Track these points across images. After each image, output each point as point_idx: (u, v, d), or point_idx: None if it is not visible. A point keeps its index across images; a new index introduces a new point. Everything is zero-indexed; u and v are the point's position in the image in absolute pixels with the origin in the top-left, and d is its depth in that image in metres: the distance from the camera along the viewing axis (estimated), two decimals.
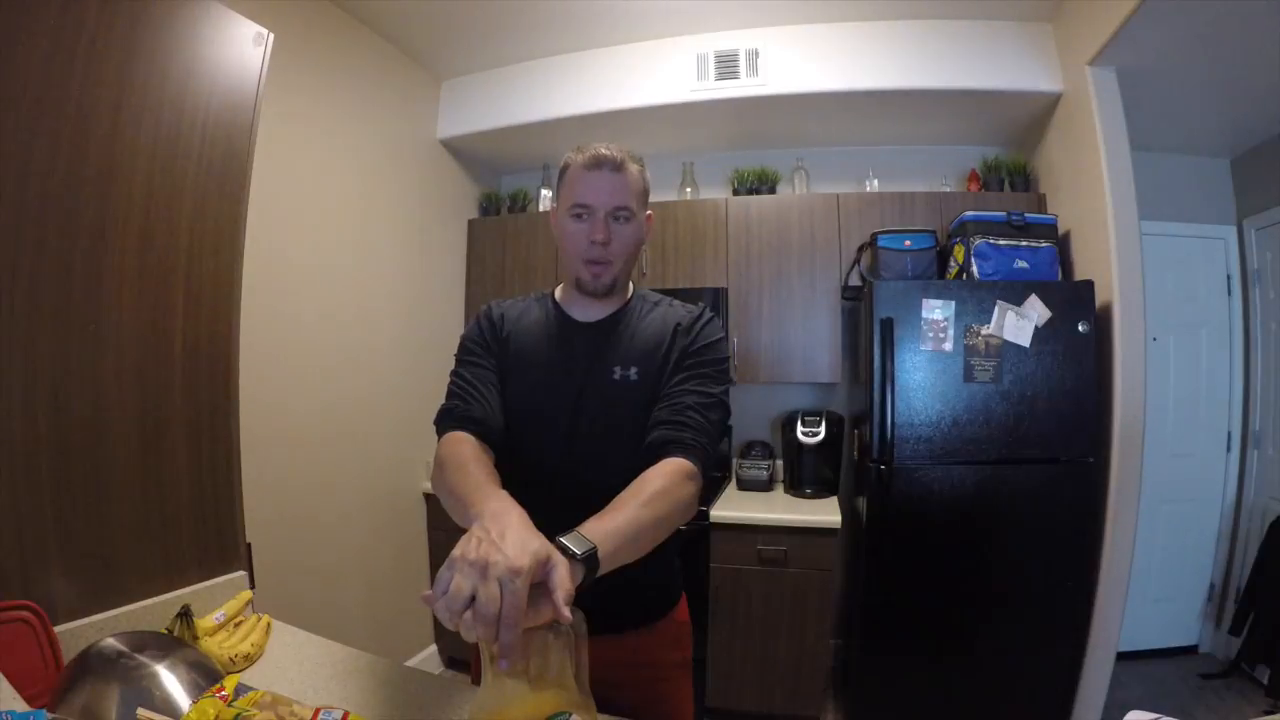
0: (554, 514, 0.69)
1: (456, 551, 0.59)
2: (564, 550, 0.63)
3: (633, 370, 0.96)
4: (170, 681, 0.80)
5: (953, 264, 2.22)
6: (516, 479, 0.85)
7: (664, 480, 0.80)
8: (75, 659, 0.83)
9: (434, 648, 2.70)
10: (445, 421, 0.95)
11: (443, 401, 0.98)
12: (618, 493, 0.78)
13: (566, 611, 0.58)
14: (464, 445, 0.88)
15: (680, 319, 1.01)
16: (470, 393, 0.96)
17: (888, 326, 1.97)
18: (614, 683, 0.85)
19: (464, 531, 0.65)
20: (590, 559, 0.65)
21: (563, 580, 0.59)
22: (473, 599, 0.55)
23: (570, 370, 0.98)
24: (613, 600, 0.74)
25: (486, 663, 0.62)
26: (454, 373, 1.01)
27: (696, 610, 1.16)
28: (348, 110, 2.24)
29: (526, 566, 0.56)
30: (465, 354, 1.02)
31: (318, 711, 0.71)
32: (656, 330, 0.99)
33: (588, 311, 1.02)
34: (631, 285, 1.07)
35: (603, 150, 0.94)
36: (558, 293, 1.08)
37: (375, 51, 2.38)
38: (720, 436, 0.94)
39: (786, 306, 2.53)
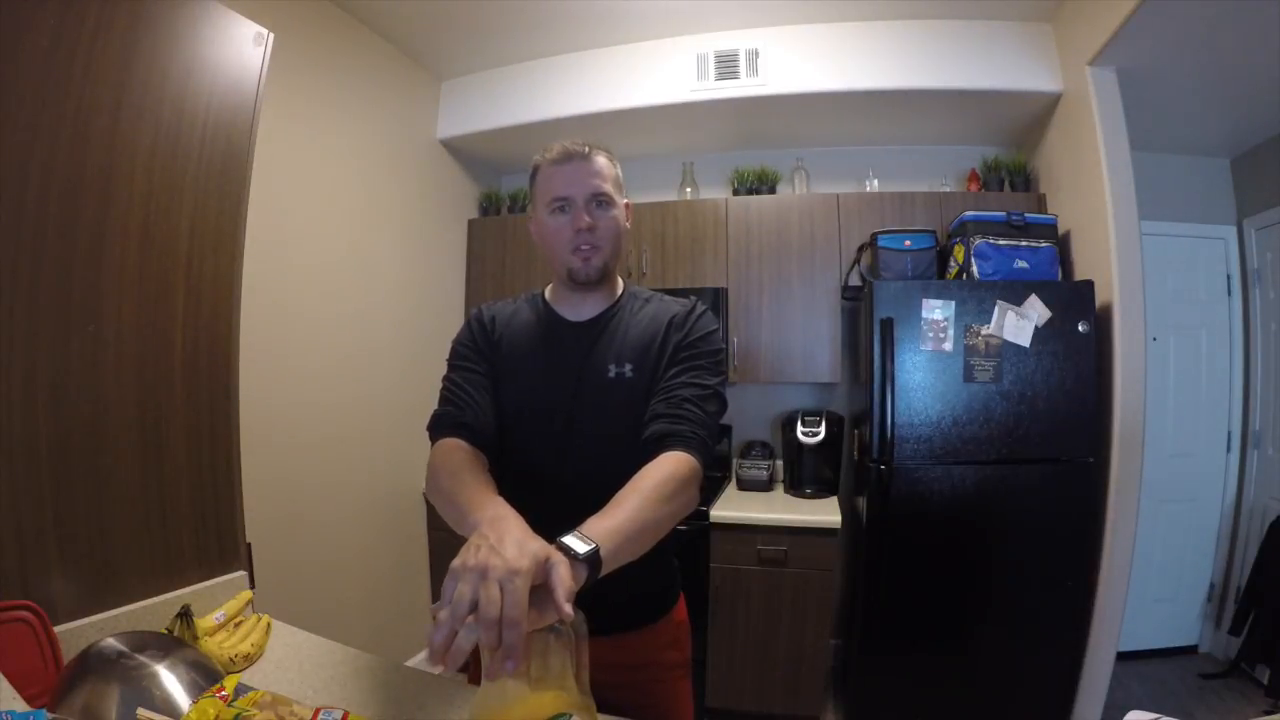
0: (553, 512, 0.69)
1: (457, 561, 0.59)
2: (566, 550, 0.63)
3: (627, 367, 0.96)
4: (170, 681, 0.80)
5: (953, 264, 2.22)
6: (514, 479, 0.84)
7: (664, 474, 0.79)
8: (75, 659, 0.83)
9: None
10: (438, 428, 0.95)
11: (435, 407, 0.98)
12: (616, 489, 0.77)
13: (568, 608, 0.58)
14: (457, 453, 0.88)
15: (674, 313, 1.00)
16: (462, 398, 0.96)
17: (888, 326, 1.97)
18: (612, 684, 0.84)
19: (462, 538, 0.65)
20: (593, 558, 0.64)
21: (563, 578, 0.59)
22: (475, 605, 0.55)
23: (564, 370, 0.98)
24: (611, 601, 0.74)
25: (487, 664, 0.62)
26: (446, 378, 1.01)
27: (696, 610, 1.17)
28: (348, 110, 2.24)
29: (525, 567, 0.56)
30: (457, 359, 1.02)
31: (318, 711, 0.71)
32: (650, 326, 0.99)
33: (579, 310, 1.02)
34: (622, 282, 1.07)
35: (568, 144, 0.97)
36: (548, 293, 1.07)
37: (375, 51, 2.38)
38: (718, 428, 0.94)
39: (786, 306, 2.53)
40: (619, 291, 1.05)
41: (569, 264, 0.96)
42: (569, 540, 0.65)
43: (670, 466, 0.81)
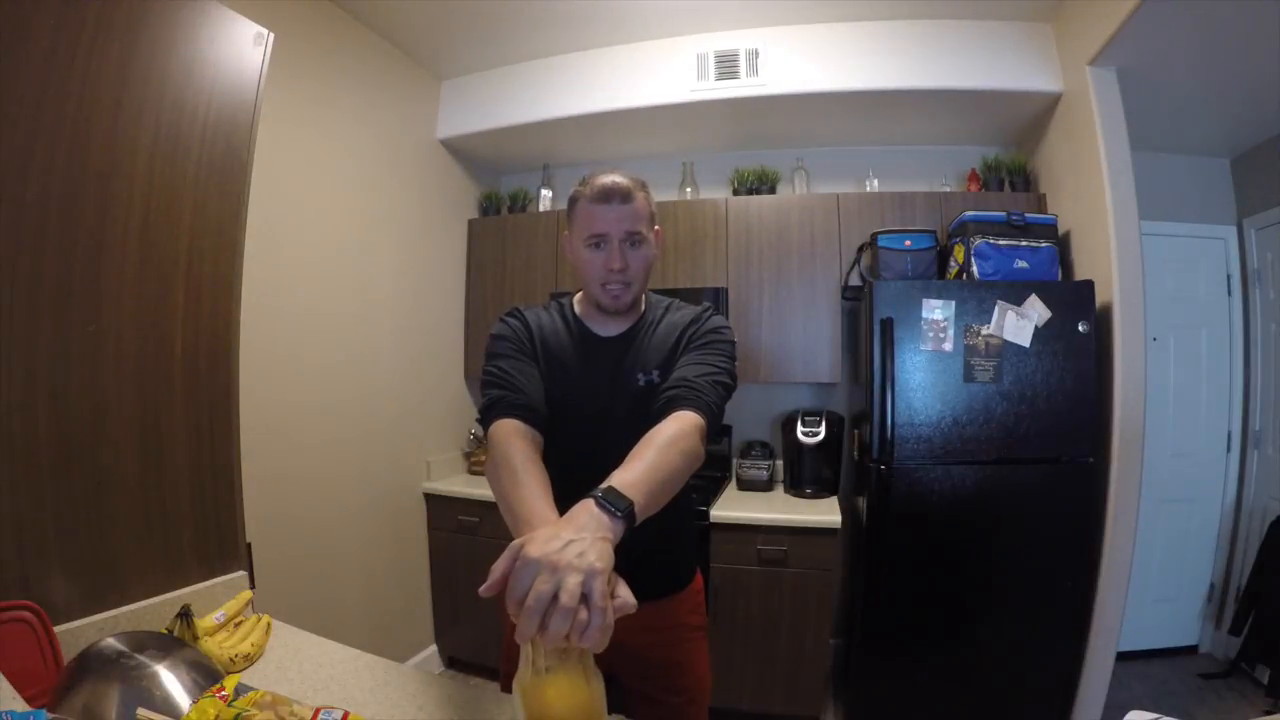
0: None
1: (536, 552, 0.61)
2: (604, 506, 0.68)
3: (655, 374, 1.04)
4: (170, 681, 0.80)
5: (953, 264, 2.22)
6: (551, 476, 0.88)
7: (674, 431, 0.85)
8: (75, 659, 0.83)
9: (434, 648, 2.70)
10: (495, 409, 0.96)
11: (483, 394, 1.00)
12: None
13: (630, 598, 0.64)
14: (518, 442, 0.89)
15: (687, 319, 1.10)
16: (516, 381, 0.99)
17: (888, 326, 1.97)
18: (646, 644, 0.98)
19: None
20: (629, 513, 0.69)
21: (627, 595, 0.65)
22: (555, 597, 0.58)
23: (598, 381, 1.06)
24: (646, 571, 0.80)
25: (530, 655, 0.63)
26: (492, 366, 1.02)
27: None
28: (348, 110, 2.24)
29: (603, 569, 0.61)
30: (503, 349, 1.05)
31: (318, 711, 0.71)
32: (669, 333, 1.08)
33: (608, 326, 1.10)
34: (646, 297, 1.15)
35: (610, 182, 1.00)
36: (578, 306, 1.14)
37: (375, 51, 2.38)
38: (723, 397, 0.98)
39: (786, 306, 2.53)
40: (643, 307, 1.13)
41: (598, 297, 1.05)
42: (606, 497, 0.70)
43: (677, 423, 0.87)
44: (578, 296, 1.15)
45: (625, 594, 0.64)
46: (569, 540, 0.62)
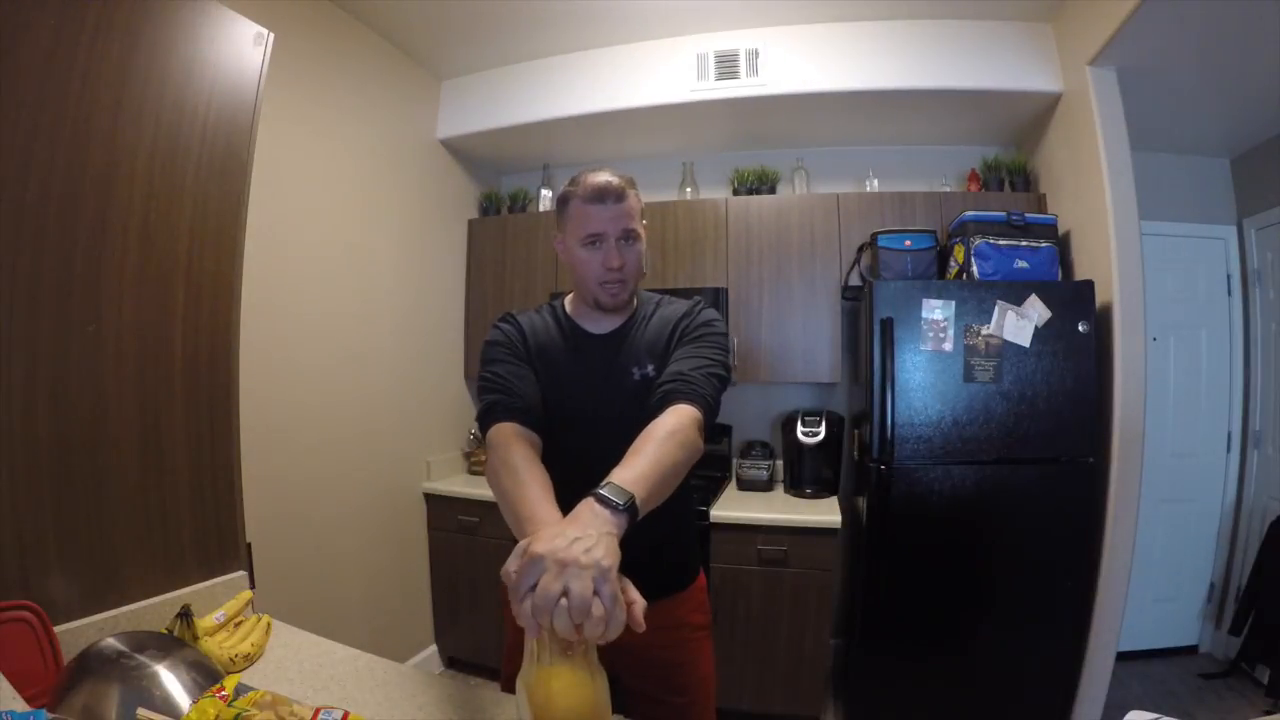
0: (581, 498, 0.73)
1: (543, 548, 0.62)
2: (605, 502, 0.69)
3: (650, 368, 1.05)
4: (170, 681, 0.80)
5: (953, 264, 2.22)
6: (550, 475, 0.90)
7: (672, 424, 0.86)
8: (75, 659, 0.83)
9: (434, 648, 2.70)
10: (492, 414, 0.98)
11: (480, 400, 1.02)
12: None
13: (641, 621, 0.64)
14: (517, 444, 0.91)
15: (679, 312, 1.11)
16: (512, 385, 1.01)
17: (888, 326, 1.97)
18: (648, 643, 0.93)
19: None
20: (630, 508, 0.70)
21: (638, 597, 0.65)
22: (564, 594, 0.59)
23: (591, 378, 1.06)
24: (651, 569, 0.80)
25: (535, 651, 0.64)
26: (487, 372, 1.04)
27: None
28: (348, 110, 2.24)
29: (611, 565, 0.62)
30: (496, 354, 1.07)
31: (318, 711, 0.71)
32: (661, 327, 1.09)
33: (600, 324, 1.11)
34: (636, 291, 1.15)
35: (603, 181, 1.01)
36: (569, 306, 1.14)
37: (375, 51, 2.38)
38: (719, 390, 0.99)
39: (786, 306, 2.53)
40: (635, 303, 1.13)
41: (597, 295, 1.06)
42: (607, 493, 0.71)
43: (675, 417, 0.88)
44: (569, 296, 1.16)
45: (635, 595, 0.65)
46: (575, 537, 0.63)
